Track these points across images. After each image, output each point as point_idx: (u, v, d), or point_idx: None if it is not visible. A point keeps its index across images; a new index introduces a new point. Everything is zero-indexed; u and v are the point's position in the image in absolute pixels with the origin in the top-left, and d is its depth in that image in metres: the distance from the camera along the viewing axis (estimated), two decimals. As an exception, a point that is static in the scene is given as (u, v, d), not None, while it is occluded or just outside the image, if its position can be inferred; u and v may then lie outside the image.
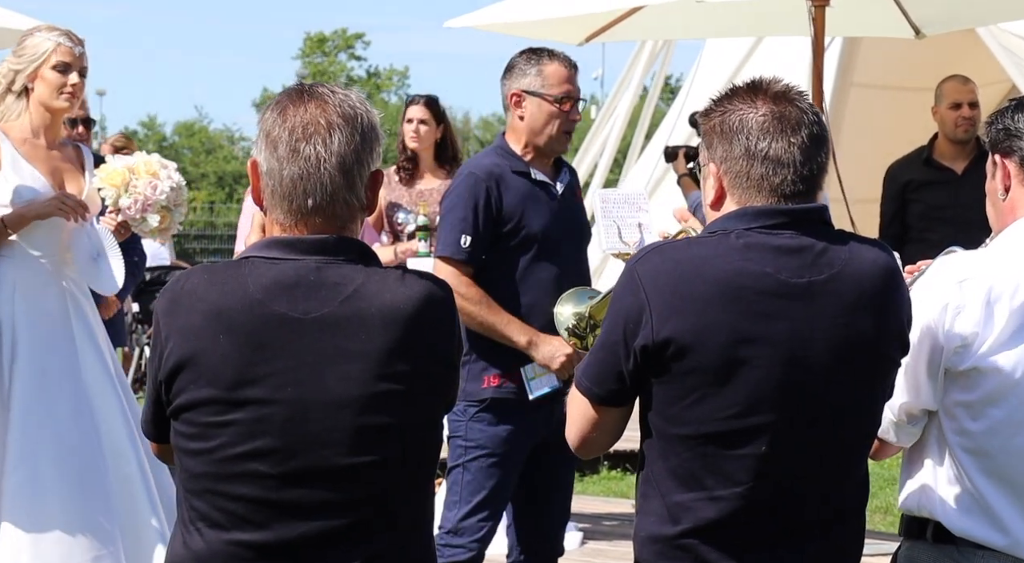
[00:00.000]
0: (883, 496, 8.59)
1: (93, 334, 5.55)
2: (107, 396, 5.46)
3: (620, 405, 3.13)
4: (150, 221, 5.54)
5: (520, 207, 5.06)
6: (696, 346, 2.98)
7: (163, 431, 2.94)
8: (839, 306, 3.03)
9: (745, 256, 3.02)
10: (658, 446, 3.07)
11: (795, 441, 3.02)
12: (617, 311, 3.07)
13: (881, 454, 3.33)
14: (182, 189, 5.62)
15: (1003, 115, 3.32)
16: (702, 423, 3.00)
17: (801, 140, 3.06)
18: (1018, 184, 3.29)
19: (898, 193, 8.16)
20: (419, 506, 2.91)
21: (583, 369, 3.15)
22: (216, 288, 2.83)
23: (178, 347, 2.82)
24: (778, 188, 3.06)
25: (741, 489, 3.01)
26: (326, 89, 2.90)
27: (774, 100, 3.08)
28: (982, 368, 3.15)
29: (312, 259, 2.83)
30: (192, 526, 2.85)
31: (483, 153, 5.37)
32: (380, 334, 2.80)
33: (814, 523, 3.06)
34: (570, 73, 5.13)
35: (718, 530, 3.02)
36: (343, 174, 2.85)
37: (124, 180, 5.48)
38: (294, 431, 2.79)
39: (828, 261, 3.04)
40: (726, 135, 3.08)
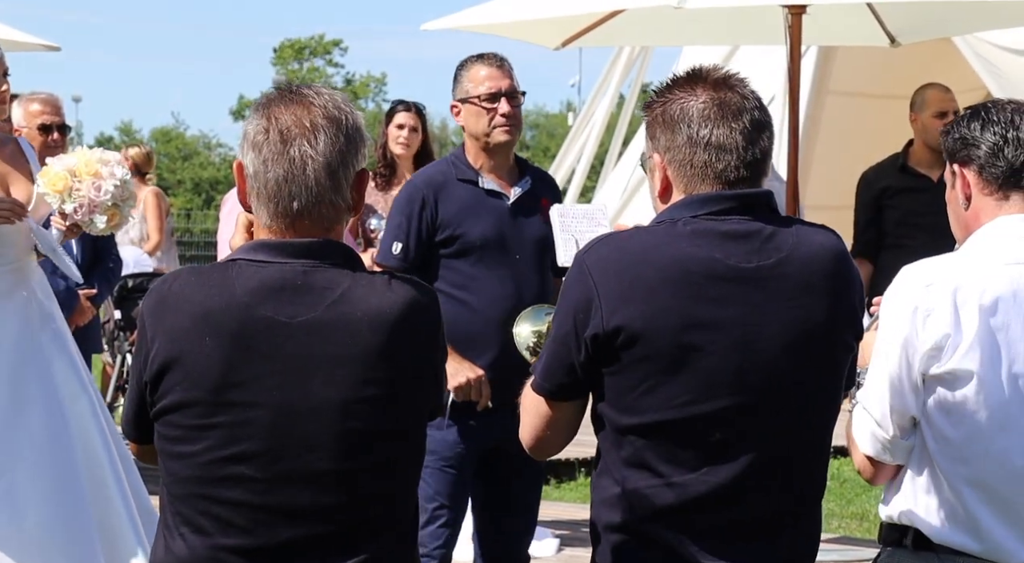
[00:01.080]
0: (859, 503, 8.61)
1: (62, 339, 5.50)
2: (79, 401, 5.43)
3: (573, 399, 3.11)
4: (97, 222, 5.45)
5: (459, 215, 5.04)
6: (646, 333, 2.97)
7: (145, 432, 2.93)
8: (789, 290, 3.02)
9: (693, 242, 3.01)
10: (612, 437, 3.05)
11: (751, 426, 3.01)
12: (567, 302, 3.06)
13: (878, 478, 3.30)
14: (127, 183, 5.48)
15: (959, 124, 3.32)
16: (656, 411, 2.99)
17: (743, 125, 3.05)
18: (979, 192, 3.29)
19: (874, 200, 8.18)
20: (404, 512, 2.90)
21: (536, 365, 3.13)
22: (203, 290, 2.82)
23: (164, 348, 2.81)
24: (722, 174, 3.05)
25: (697, 475, 2.99)
26: (311, 90, 2.90)
27: (714, 87, 3.08)
28: (957, 371, 3.15)
29: (299, 263, 2.83)
30: (176, 531, 2.84)
31: (433, 163, 5.41)
32: (366, 338, 2.80)
33: (775, 510, 3.05)
34: (492, 70, 5.13)
35: (676, 516, 3.01)
36: (329, 175, 2.85)
37: (67, 185, 5.37)
38: (279, 435, 2.78)
39: (776, 245, 3.04)
40: (668, 125, 3.08)
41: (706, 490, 3.00)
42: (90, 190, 5.37)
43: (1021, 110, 3.28)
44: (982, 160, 3.27)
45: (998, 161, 3.26)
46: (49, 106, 6.94)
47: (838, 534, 7.86)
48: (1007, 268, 3.19)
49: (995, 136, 3.25)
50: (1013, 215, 3.26)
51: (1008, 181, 3.26)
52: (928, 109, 7.98)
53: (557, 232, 4.81)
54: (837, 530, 7.97)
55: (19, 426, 5.30)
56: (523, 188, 5.15)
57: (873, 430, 3.24)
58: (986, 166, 3.27)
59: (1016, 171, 3.26)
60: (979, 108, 3.32)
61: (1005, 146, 3.25)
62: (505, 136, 5.11)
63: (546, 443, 3.19)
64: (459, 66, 5.20)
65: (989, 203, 3.28)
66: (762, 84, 13.21)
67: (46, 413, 5.33)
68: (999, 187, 3.26)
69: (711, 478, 3.00)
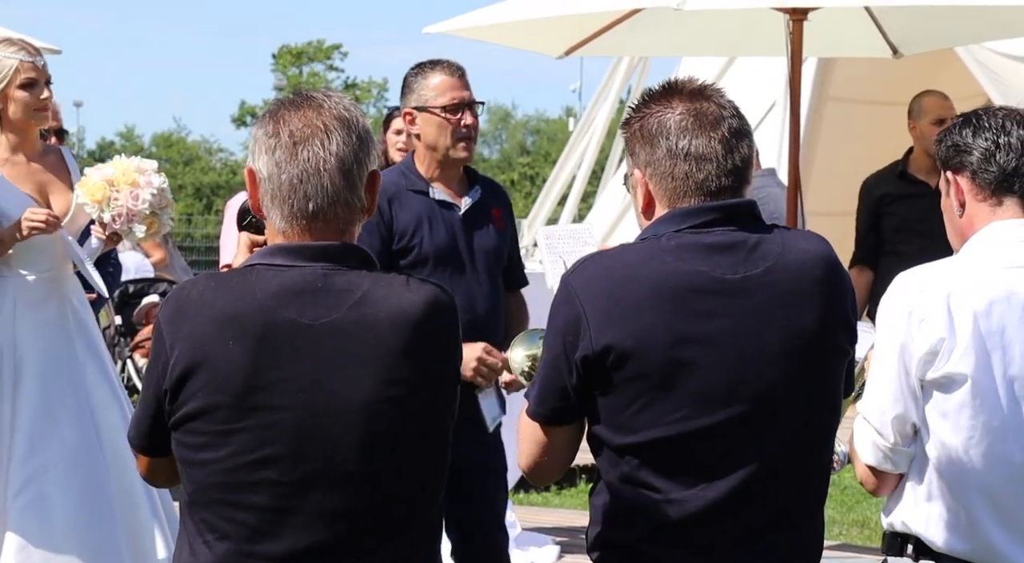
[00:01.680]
0: (860, 510, 8.60)
1: (95, 347, 5.54)
2: (110, 409, 5.46)
3: (568, 423, 3.10)
4: (137, 231, 5.51)
5: (413, 225, 4.96)
6: (636, 351, 2.96)
7: (158, 445, 2.91)
8: (778, 299, 3.00)
9: (677, 257, 3.00)
10: (608, 457, 3.04)
11: (748, 439, 2.99)
12: (555, 325, 3.05)
13: (882, 488, 3.30)
14: (165, 191, 5.54)
15: (951, 132, 3.33)
16: (650, 429, 2.98)
17: (721, 134, 3.05)
18: (972, 198, 3.29)
19: (873, 206, 8.19)
20: (429, 515, 2.90)
21: (530, 391, 3.12)
22: (224, 294, 2.82)
23: (185, 354, 2.80)
24: (704, 184, 3.04)
25: (695, 490, 2.98)
26: (320, 94, 2.92)
27: (690, 98, 3.07)
28: (953, 375, 3.15)
29: (318, 266, 2.83)
30: (199, 538, 2.83)
31: (386, 172, 5.35)
32: (389, 339, 2.80)
33: (777, 519, 3.03)
34: (454, 79, 5.02)
35: (676, 532, 3.00)
36: (343, 175, 2.86)
37: (105, 195, 5.42)
38: (305, 437, 2.78)
39: (762, 254, 3.03)
40: (647, 139, 3.07)
41: (704, 505, 2.99)
42: (128, 199, 5.42)
43: (1012, 116, 3.29)
44: (974, 166, 3.27)
45: (990, 167, 3.26)
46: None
47: (839, 541, 7.86)
48: (1002, 272, 3.19)
49: (987, 142, 3.26)
50: (1007, 220, 3.26)
51: (1001, 186, 3.26)
52: (926, 116, 7.99)
53: (545, 254, 4.80)
54: (838, 537, 7.96)
55: (51, 433, 5.33)
56: (473, 198, 5.06)
57: (874, 439, 3.23)
58: (979, 172, 3.27)
59: (1008, 176, 3.26)
60: (970, 115, 3.33)
61: (997, 151, 3.26)
62: (464, 152, 5.02)
63: (545, 469, 3.17)
64: (413, 72, 5.06)
65: (983, 209, 3.28)
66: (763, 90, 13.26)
67: (77, 421, 5.37)
68: (992, 193, 3.27)
69: (709, 493, 2.99)
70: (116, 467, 5.38)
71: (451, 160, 5.03)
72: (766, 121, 11.90)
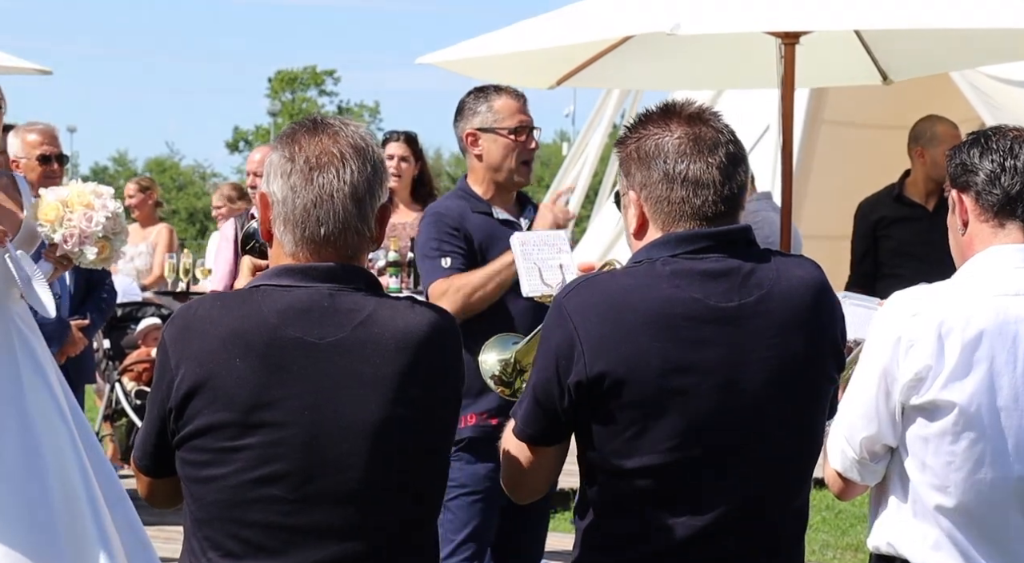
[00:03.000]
0: (854, 533, 8.58)
1: (42, 370, 5.45)
2: (57, 433, 5.36)
3: (554, 444, 3.09)
4: (87, 254, 5.44)
5: (486, 244, 5.05)
6: (630, 378, 2.95)
7: (162, 465, 2.92)
8: (771, 327, 3.00)
9: (672, 283, 2.99)
10: (597, 481, 3.03)
11: (737, 467, 2.99)
12: (548, 348, 3.03)
13: (847, 494, 3.31)
14: (119, 216, 5.48)
15: (960, 150, 3.33)
16: (642, 455, 2.97)
17: (719, 160, 3.04)
18: (975, 219, 3.29)
19: (869, 230, 8.18)
20: (429, 534, 2.92)
21: (516, 410, 3.11)
22: (230, 313, 2.84)
23: (191, 372, 2.82)
24: (700, 211, 3.03)
25: (683, 519, 2.97)
26: (337, 121, 2.94)
27: (688, 122, 3.06)
28: (938, 402, 3.14)
29: (324, 286, 2.85)
30: (203, 557, 2.83)
31: (444, 197, 5.37)
32: (394, 359, 2.82)
33: (764, 547, 3.03)
34: (520, 104, 5.14)
35: (666, 559, 2.99)
36: (356, 203, 2.88)
37: (59, 215, 5.37)
38: (310, 455, 2.79)
39: (757, 282, 3.02)
40: (643, 161, 3.06)
41: (691, 533, 2.98)
42: (81, 220, 5.36)
43: (1022, 138, 3.29)
44: (979, 187, 3.27)
45: (994, 189, 3.26)
46: (47, 136, 6.96)
47: (834, 565, 7.84)
48: (994, 300, 3.18)
49: (993, 164, 3.26)
50: (1007, 245, 3.25)
51: (1004, 209, 3.26)
52: (940, 144, 7.89)
53: (519, 261, 4.79)
54: (832, 561, 7.94)
55: None
56: (529, 218, 5.17)
57: (844, 448, 3.25)
58: (983, 193, 3.27)
59: (1012, 200, 3.26)
60: (980, 135, 3.33)
61: (1002, 174, 3.25)
62: (525, 177, 5.15)
63: (529, 488, 3.17)
64: (477, 94, 5.15)
65: (985, 230, 3.28)
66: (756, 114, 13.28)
67: (20, 442, 5.27)
68: (995, 215, 3.27)
69: (696, 522, 2.98)
70: (63, 493, 5.29)
71: (512, 183, 5.14)
72: (760, 144, 11.90)
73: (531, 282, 4.78)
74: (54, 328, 6.85)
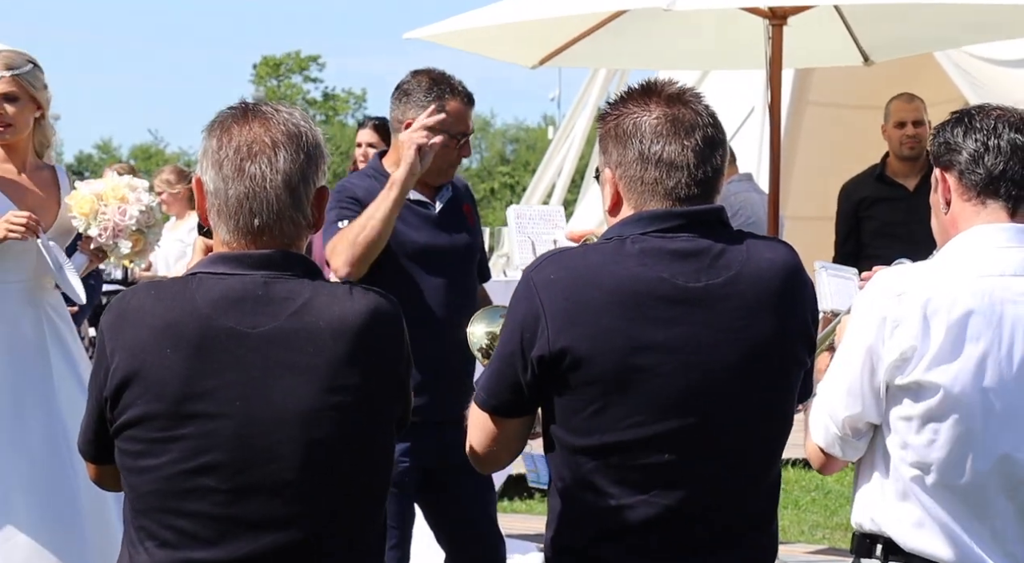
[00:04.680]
0: (843, 513, 8.61)
1: (72, 360, 5.51)
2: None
3: (518, 416, 3.09)
4: (122, 247, 5.52)
5: (396, 224, 4.93)
6: (593, 355, 2.95)
7: (103, 451, 2.93)
8: (739, 309, 3.00)
9: (640, 262, 2.99)
10: (562, 457, 3.04)
11: (702, 447, 2.99)
12: (513, 321, 3.04)
13: (828, 468, 3.32)
14: (153, 210, 5.59)
15: (943, 129, 3.32)
16: (604, 433, 2.97)
17: (695, 143, 3.03)
18: (958, 198, 3.29)
19: (852, 211, 8.21)
20: (371, 525, 2.90)
21: (481, 380, 3.12)
22: (163, 303, 2.83)
23: (124, 362, 2.81)
24: (672, 191, 3.03)
25: (648, 496, 2.98)
26: (270, 108, 2.92)
27: (668, 102, 3.06)
28: (923, 382, 3.15)
29: (259, 274, 2.84)
30: (140, 546, 2.83)
31: (352, 175, 5.30)
32: (329, 347, 2.80)
33: (728, 530, 3.03)
34: (469, 109, 5.02)
35: (628, 538, 2.99)
36: (289, 192, 2.86)
37: (93, 208, 5.46)
38: (243, 445, 2.78)
39: (726, 263, 3.01)
40: (620, 139, 3.06)
41: (656, 512, 2.99)
42: (115, 214, 5.45)
43: (1005, 118, 3.28)
44: (962, 166, 3.27)
45: (977, 168, 3.26)
46: None
47: (823, 545, 7.87)
48: (979, 280, 3.19)
49: (976, 143, 3.26)
50: (990, 224, 3.26)
51: (987, 189, 3.26)
52: (890, 119, 8.05)
53: (514, 234, 4.79)
54: (821, 541, 7.97)
55: (18, 442, 5.30)
56: (443, 199, 5.07)
57: (826, 424, 3.25)
58: (966, 172, 3.27)
59: (995, 179, 3.26)
60: (964, 114, 3.32)
61: (985, 154, 3.25)
62: (447, 179, 5.05)
63: (493, 458, 3.17)
64: (428, 86, 4.98)
65: (967, 209, 3.28)
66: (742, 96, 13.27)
67: (47, 432, 5.33)
68: (978, 194, 3.27)
69: (661, 500, 2.98)
70: (87, 479, 5.34)
71: (435, 181, 5.03)
72: (746, 126, 11.91)
73: (523, 255, 4.79)
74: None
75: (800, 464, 9.45)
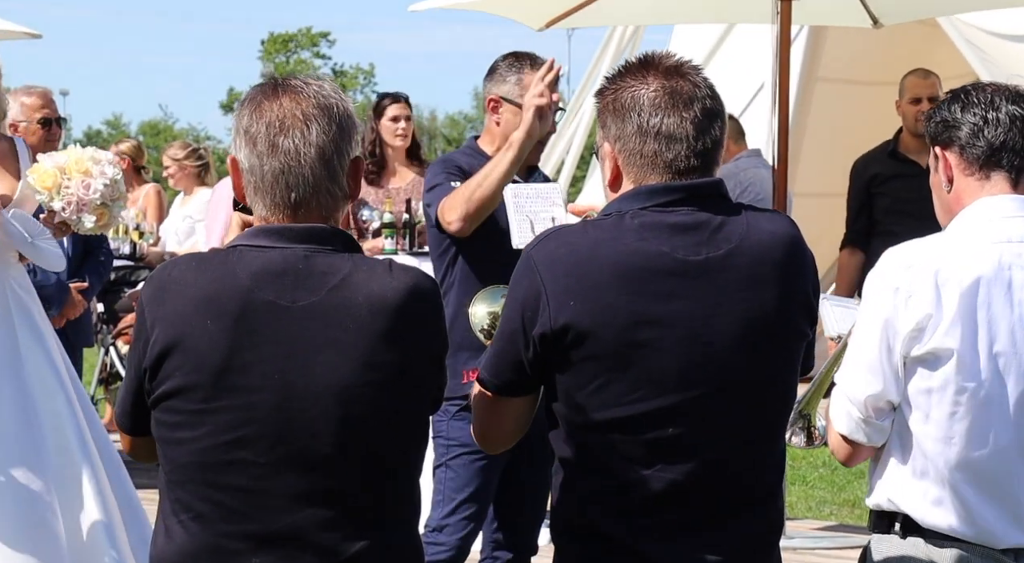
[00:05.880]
0: (851, 489, 8.61)
1: (39, 334, 5.45)
2: (54, 398, 5.36)
3: (521, 395, 3.09)
4: (86, 222, 5.42)
5: None
6: (595, 331, 2.95)
7: (140, 423, 2.92)
8: (739, 281, 3.00)
9: (640, 236, 2.99)
10: (565, 435, 3.04)
11: (705, 421, 2.99)
12: (514, 299, 3.04)
13: (854, 459, 3.29)
14: (118, 182, 5.46)
15: (941, 107, 3.33)
16: (607, 409, 2.97)
17: (694, 114, 3.03)
18: (960, 173, 3.29)
19: (864, 187, 8.18)
20: (406, 499, 2.90)
21: (484, 361, 3.11)
22: (204, 275, 2.83)
23: (164, 334, 2.82)
24: (672, 164, 3.03)
25: (652, 471, 2.98)
26: (299, 81, 2.92)
27: (666, 75, 3.06)
28: (938, 351, 3.14)
29: (300, 247, 2.84)
30: (176, 518, 2.84)
31: (454, 153, 5.33)
32: (367, 323, 2.81)
33: (734, 503, 3.03)
34: (553, 83, 5.00)
35: (634, 514, 2.99)
36: (324, 164, 2.86)
37: (56, 182, 5.35)
38: (281, 419, 2.79)
39: (726, 236, 3.01)
40: (619, 113, 3.06)
41: (662, 487, 2.98)
42: (79, 188, 5.34)
43: (1001, 92, 3.30)
44: (963, 141, 3.28)
45: (978, 141, 3.26)
46: (46, 99, 7.00)
47: (831, 521, 7.86)
48: (989, 247, 3.19)
49: (975, 117, 3.26)
50: (995, 195, 3.26)
51: (989, 161, 3.26)
52: (906, 95, 8.03)
53: (511, 213, 4.78)
54: (829, 517, 7.97)
55: None
56: (536, 182, 5.11)
57: (848, 410, 3.24)
58: (967, 147, 3.27)
59: (996, 151, 3.26)
60: (959, 91, 3.34)
61: (985, 127, 3.26)
62: (539, 153, 5.07)
63: (497, 438, 3.18)
64: (510, 61, 5.04)
65: (971, 184, 3.28)
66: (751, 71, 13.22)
67: (16, 409, 5.28)
68: (980, 168, 3.27)
69: (666, 474, 2.98)
70: (60, 458, 5.30)
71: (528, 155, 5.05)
72: (755, 102, 11.86)
73: (522, 234, 4.78)
74: (54, 291, 6.86)
75: (808, 440, 9.43)
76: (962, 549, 3.19)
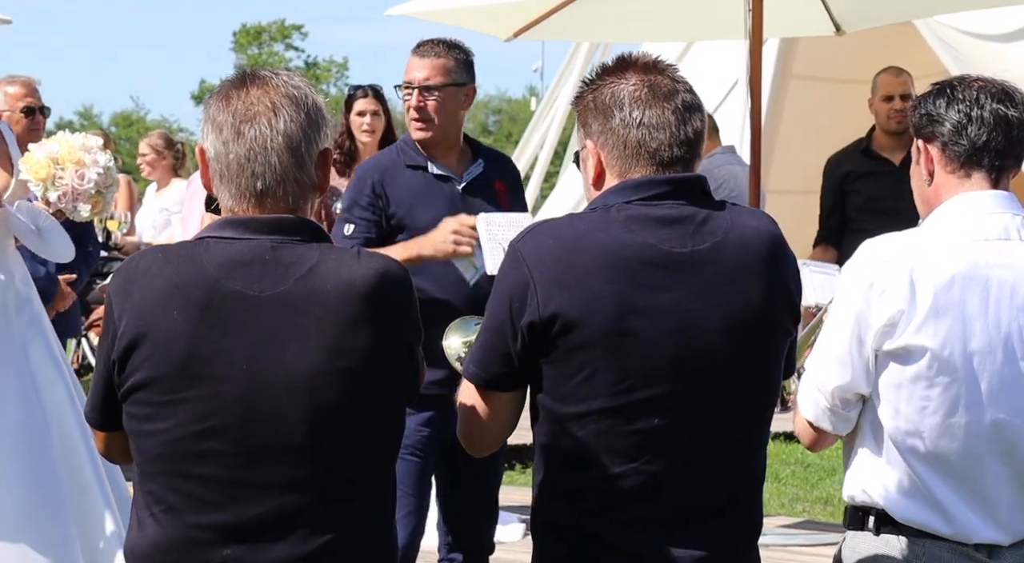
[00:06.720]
0: (823, 487, 8.63)
1: (39, 324, 5.47)
2: (56, 388, 5.39)
3: (510, 390, 3.09)
4: (81, 210, 5.45)
5: (408, 202, 4.97)
6: (582, 320, 2.96)
7: (111, 418, 2.91)
8: (724, 275, 3.01)
9: (626, 228, 3.00)
10: (550, 428, 3.03)
11: (689, 414, 2.99)
12: (501, 291, 3.04)
13: (818, 445, 3.32)
14: (111, 169, 5.48)
15: (925, 100, 3.33)
16: (594, 399, 2.97)
17: (675, 106, 3.06)
18: (941, 169, 3.30)
19: (837, 185, 8.21)
20: (379, 489, 2.89)
21: (470, 355, 3.11)
22: (171, 266, 2.82)
23: (132, 325, 2.81)
24: (656, 153, 3.05)
25: (636, 465, 2.98)
26: (268, 72, 2.91)
27: (644, 71, 3.09)
28: (911, 347, 3.15)
29: (267, 238, 2.83)
30: (147, 511, 2.83)
31: (384, 150, 5.34)
32: (336, 310, 2.79)
33: (716, 496, 3.03)
34: (414, 60, 5.04)
35: (617, 511, 2.99)
36: (291, 153, 2.85)
37: (50, 173, 5.36)
38: (250, 408, 2.78)
39: (711, 230, 3.03)
40: (600, 110, 3.08)
41: (646, 480, 2.98)
42: (73, 178, 5.36)
43: (987, 89, 3.29)
44: (945, 138, 3.28)
45: (961, 139, 3.26)
46: (29, 88, 6.97)
47: (802, 518, 7.88)
48: (966, 245, 3.20)
49: (959, 114, 3.26)
50: (977, 191, 3.26)
51: (970, 160, 3.27)
52: (877, 93, 8.06)
53: (485, 241, 4.78)
54: (801, 514, 7.99)
55: None
56: (475, 172, 5.07)
57: (815, 398, 3.25)
58: (949, 144, 3.28)
59: (978, 150, 3.26)
60: (945, 85, 3.33)
61: (968, 124, 3.26)
62: (418, 130, 5.03)
63: (484, 437, 3.16)
64: None
65: (951, 180, 3.28)
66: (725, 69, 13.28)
67: (22, 399, 5.30)
68: (961, 165, 3.27)
69: (651, 467, 2.98)
70: (63, 447, 5.32)
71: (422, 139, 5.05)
72: (728, 99, 11.90)
73: (494, 261, 4.77)
74: (45, 284, 6.85)
75: (780, 437, 9.47)
76: (935, 545, 3.20)
